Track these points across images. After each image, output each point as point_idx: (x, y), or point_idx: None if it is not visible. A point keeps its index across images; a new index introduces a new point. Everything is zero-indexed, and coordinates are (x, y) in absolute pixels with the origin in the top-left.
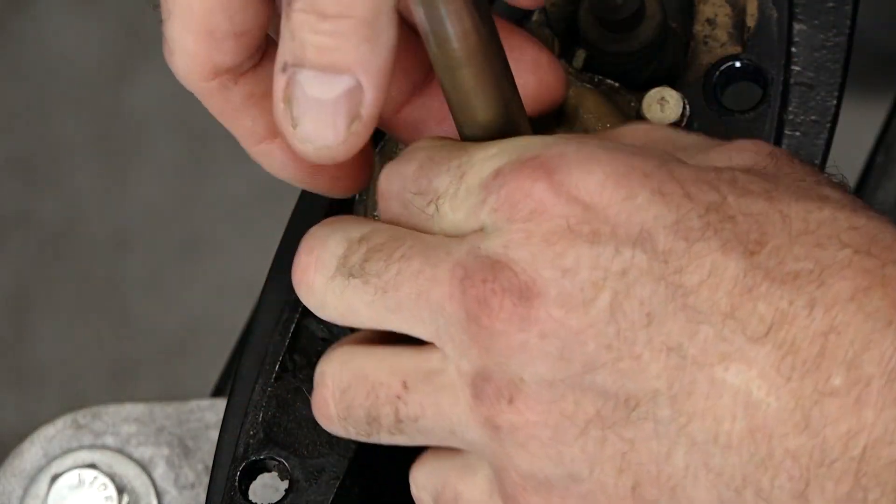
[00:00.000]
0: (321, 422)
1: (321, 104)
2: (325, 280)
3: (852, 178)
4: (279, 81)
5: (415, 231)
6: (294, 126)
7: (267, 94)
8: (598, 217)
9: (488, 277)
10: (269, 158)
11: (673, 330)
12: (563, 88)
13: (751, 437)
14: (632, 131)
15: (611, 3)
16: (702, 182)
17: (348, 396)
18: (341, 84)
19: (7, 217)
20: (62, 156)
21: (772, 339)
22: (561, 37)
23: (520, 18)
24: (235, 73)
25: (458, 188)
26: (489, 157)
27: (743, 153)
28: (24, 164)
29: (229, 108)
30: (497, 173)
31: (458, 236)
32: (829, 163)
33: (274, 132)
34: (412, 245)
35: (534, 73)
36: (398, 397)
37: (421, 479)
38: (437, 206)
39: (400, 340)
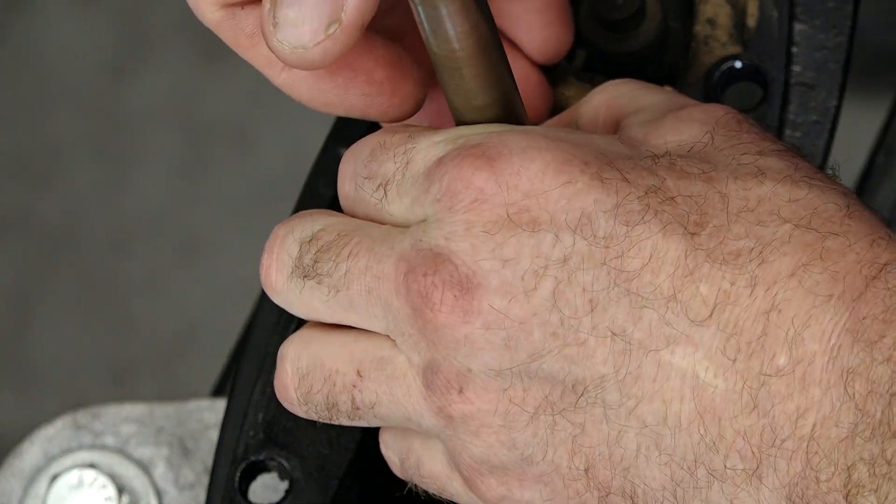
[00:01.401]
0: (284, 404)
1: (302, 3)
2: (285, 281)
3: (852, 178)
4: None
5: (362, 224)
6: (274, 25)
7: None
8: (538, 205)
9: (429, 271)
10: (295, 87)
11: (617, 315)
12: (569, 37)
13: (700, 418)
14: (600, 91)
15: (611, 3)
16: (640, 168)
17: (307, 382)
18: None
19: (7, 217)
20: (62, 155)
21: (715, 321)
22: None
23: None
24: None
25: (403, 174)
26: (434, 145)
27: (690, 125)
28: (24, 164)
29: (243, 37)
30: (440, 161)
31: (404, 226)
32: (830, 163)
33: None
34: (359, 241)
35: (542, 14)
36: (354, 385)
37: (388, 439)
38: (384, 192)
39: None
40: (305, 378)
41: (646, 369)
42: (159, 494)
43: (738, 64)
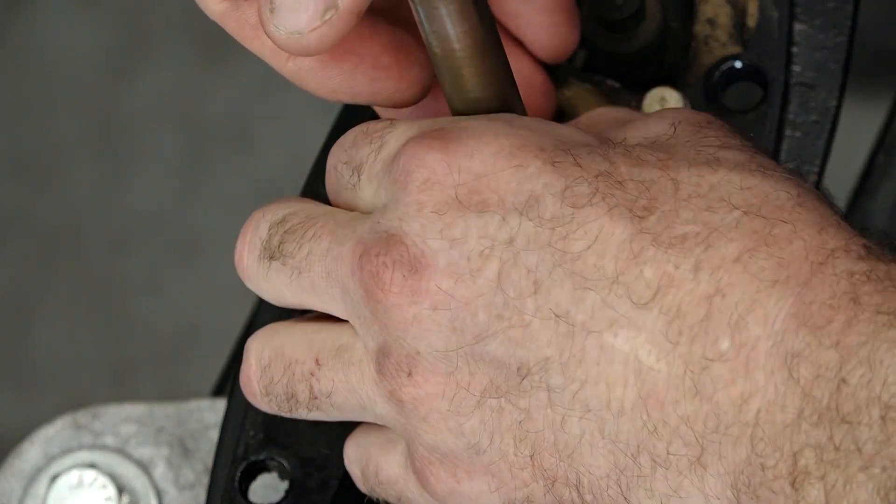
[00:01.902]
0: (248, 398)
1: None
2: (255, 263)
3: (852, 178)
4: None
5: (331, 209)
6: (271, 11)
7: None
8: (489, 187)
9: (381, 251)
10: (302, 76)
11: (560, 297)
12: (575, 37)
13: (643, 403)
14: (586, 117)
15: (611, 3)
16: (596, 154)
17: (268, 374)
18: None
19: (7, 217)
20: (62, 155)
21: (658, 304)
22: None
23: None
24: None
25: (375, 158)
26: (405, 131)
27: (659, 123)
28: (24, 164)
29: (248, 27)
30: (404, 145)
31: (370, 211)
32: (830, 163)
33: None
34: (323, 224)
35: (550, 14)
36: (311, 374)
37: (350, 452)
38: (358, 176)
39: (326, 318)
40: (267, 370)
41: (589, 352)
42: (159, 494)
43: (738, 64)
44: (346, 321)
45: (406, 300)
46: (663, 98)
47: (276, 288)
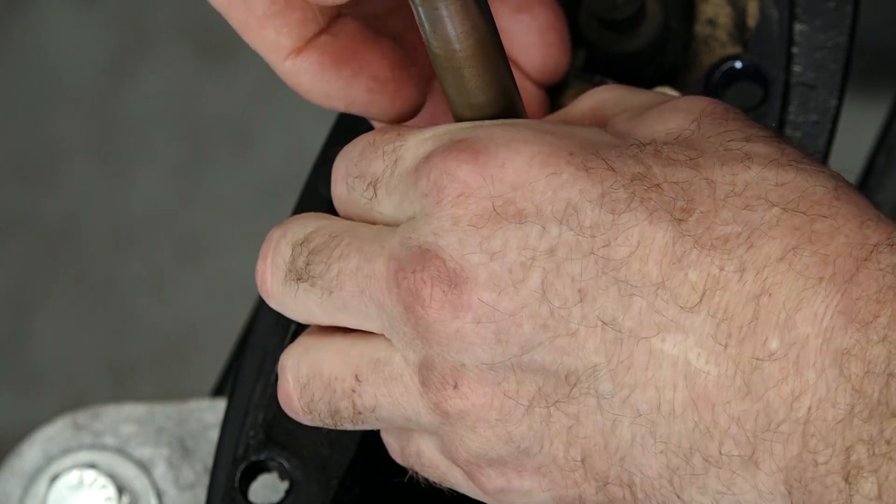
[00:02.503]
0: (290, 415)
1: None
2: (280, 285)
3: (852, 179)
4: None
5: (353, 225)
6: None
7: (292, 3)
8: (524, 196)
9: (418, 267)
10: (299, 76)
11: (606, 304)
12: (567, 58)
13: (693, 405)
14: (587, 96)
15: (611, 3)
16: (626, 156)
17: (308, 391)
18: None
19: (7, 217)
20: (62, 156)
21: (705, 307)
22: None
23: None
24: None
25: (392, 172)
26: (422, 142)
27: (676, 115)
28: (24, 164)
29: (253, 19)
30: (427, 157)
31: (394, 225)
32: (830, 163)
33: (299, 46)
34: (349, 242)
35: (542, 35)
36: (353, 391)
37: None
38: (374, 191)
39: (355, 329)
40: (306, 388)
41: (637, 358)
42: (159, 494)
43: (739, 64)
44: (379, 334)
45: (448, 315)
46: None
47: (306, 308)
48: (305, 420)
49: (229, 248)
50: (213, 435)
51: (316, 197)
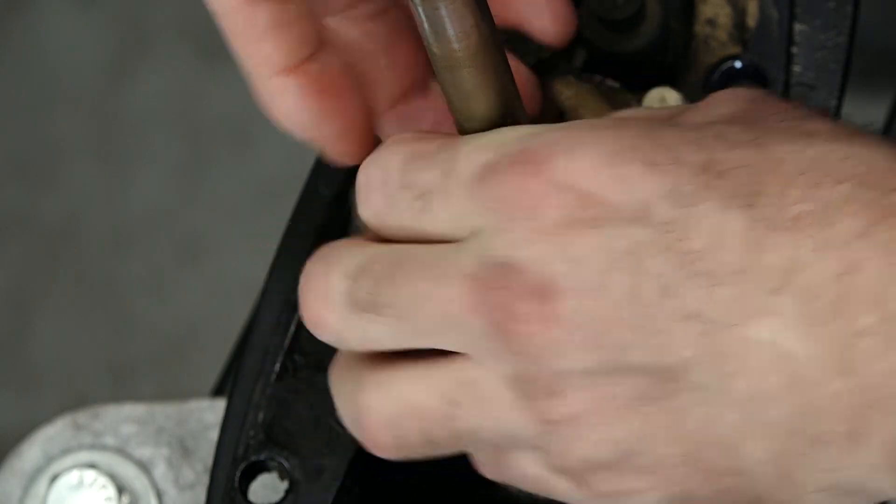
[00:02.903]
0: (376, 453)
1: None
2: (339, 318)
3: None
4: None
5: (409, 248)
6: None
7: (294, 21)
8: (596, 200)
9: (503, 283)
10: (281, 97)
11: (691, 298)
12: (573, 16)
13: (791, 386)
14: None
15: (611, 3)
16: (688, 143)
17: (399, 428)
18: None
19: (7, 217)
20: (62, 156)
21: (790, 289)
22: None
23: None
24: None
25: (447, 183)
26: (477, 150)
27: (722, 104)
28: (24, 164)
29: (252, 30)
30: (488, 168)
31: (454, 240)
32: None
33: (291, 66)
34: (413, 266)
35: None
36: (449, 418)
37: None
38: (425, 202)
39: (421, 352)
40: (396, 424)
41: (729, 347)
42: (159, 494)
43: (738, 64)
44: (456, 353)
45: (540, 328)
46: (663, 98)
47: (371, 337)
48: (393, 455)
49: (229, 248)
50: (213, 435)
51: (316, 197)
